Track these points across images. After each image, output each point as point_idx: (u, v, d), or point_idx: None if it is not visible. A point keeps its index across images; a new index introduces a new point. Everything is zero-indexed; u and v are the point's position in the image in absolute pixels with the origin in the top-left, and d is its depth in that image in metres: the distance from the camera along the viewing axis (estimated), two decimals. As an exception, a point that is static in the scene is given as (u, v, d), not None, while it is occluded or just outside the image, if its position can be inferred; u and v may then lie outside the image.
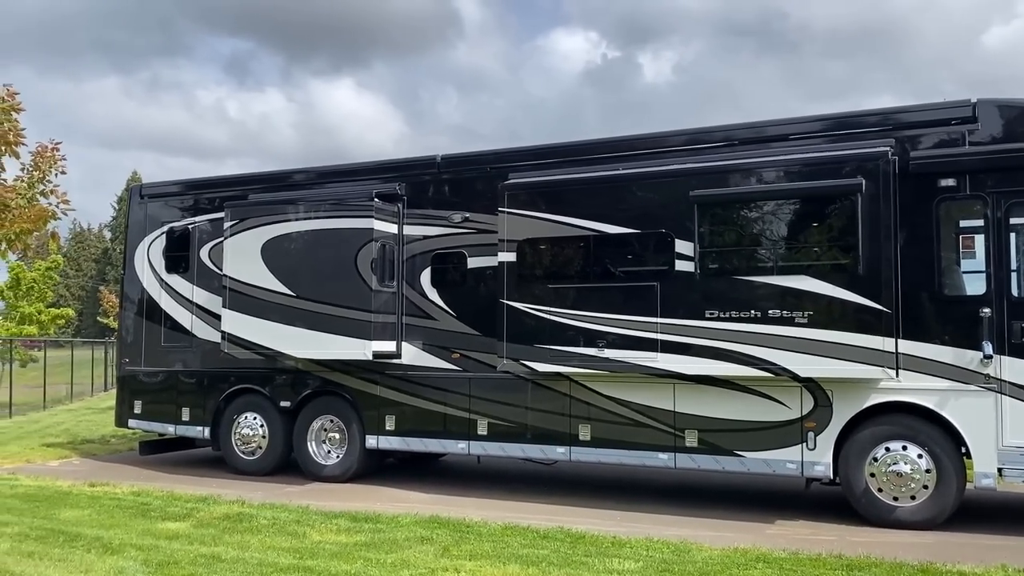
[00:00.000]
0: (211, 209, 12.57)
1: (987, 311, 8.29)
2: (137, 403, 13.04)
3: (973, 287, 8.58)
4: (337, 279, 10.97)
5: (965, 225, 8.60)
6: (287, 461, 12.05)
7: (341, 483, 11.33)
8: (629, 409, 9.78)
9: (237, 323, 11.55)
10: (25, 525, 8.61)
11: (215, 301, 12.04)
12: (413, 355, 11.10)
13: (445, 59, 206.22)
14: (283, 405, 11.86)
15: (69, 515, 9.15)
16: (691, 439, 9.46)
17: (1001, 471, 8.30)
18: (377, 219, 10.94)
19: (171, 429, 12.77)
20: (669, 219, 9.43)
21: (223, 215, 11.94)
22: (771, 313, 8.82)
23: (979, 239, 8.48)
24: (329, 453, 11.64)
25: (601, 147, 10.39)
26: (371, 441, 11.28)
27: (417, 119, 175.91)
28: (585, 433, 10.00)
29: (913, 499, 8.54)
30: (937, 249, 8.56)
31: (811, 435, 8.95)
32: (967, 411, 8.36)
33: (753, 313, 8.91)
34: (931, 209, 8.58)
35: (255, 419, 12.12)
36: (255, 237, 11.55)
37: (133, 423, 13.21)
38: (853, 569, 6.92)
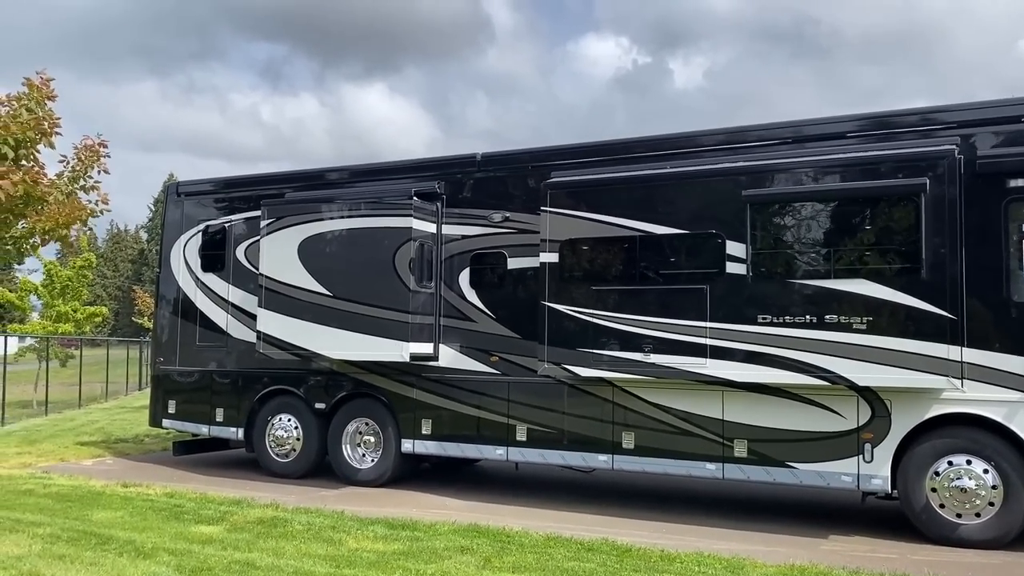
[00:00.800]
0: (247, 207, 12.41)
1: (1060, 318, 7.83)
2: (171, 403, 12.92)
3: (1045, 292, 8.12)
4: (375, 279, 10.73)
5: (1036, 227, 8.16)
6: (321, 464, 11.83)
7: (376, 487, 11.08)
8: (675, 417, 9.42)
9: (273, 323, 11.35)
10: (57, 526, 8.46)
11: (251, 300, 11.88)
12: (451, 358, 10.83)
13: (476, 64, 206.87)
14: (318, 407, 11.65)
15: (101, 516, 9.00)
16: (740, 449, 9.08)
17: (1074, 488, 7.83)
18: (416, 218, 10.69)
19: (205, 430, 12.62)
20: (720, 220, 9.08)
21: (259, 213, 11.76)
22: (827, 318, 8.43)
23: (1052, 242, 8.04)
24: (364, 456, 11.41)
25: (647, 145, 10.07)
26: (407, 445, 11.03)
27: (448, 124, 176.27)
28: (629, 441, 9.66)
29: (978, 516, 8.09)
30: (1005, 252, 8.12)
31: (868, 447, 8.54)
32: (1038, 424, 7.90)
33: (808, 318, 8.53)
34: (999, 210, 8.15)
35: (289, 421, 11.93)
36: (292, 236, 11.35)
37: (167, 423, 13.10)
38: (921, 591, 6.53)
